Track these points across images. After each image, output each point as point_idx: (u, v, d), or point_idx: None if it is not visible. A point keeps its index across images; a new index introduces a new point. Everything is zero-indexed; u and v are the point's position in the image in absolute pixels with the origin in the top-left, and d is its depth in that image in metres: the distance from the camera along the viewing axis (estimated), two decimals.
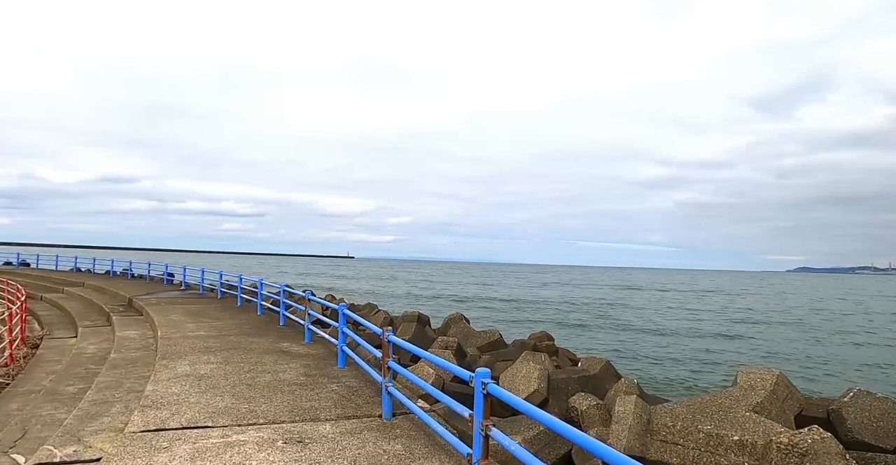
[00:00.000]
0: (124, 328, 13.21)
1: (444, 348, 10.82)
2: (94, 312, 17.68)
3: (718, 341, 27.88)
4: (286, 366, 8.31)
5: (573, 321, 34.90)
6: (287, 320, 12.55)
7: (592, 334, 28.69)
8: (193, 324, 12.44)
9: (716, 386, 15.68)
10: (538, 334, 15.17)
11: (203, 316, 13.88)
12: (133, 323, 14.04)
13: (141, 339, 11.81)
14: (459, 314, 14.40)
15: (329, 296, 21.60)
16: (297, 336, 11.11)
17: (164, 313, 14.27)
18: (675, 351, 23.67)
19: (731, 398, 6.27)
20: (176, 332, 11.35)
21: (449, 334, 13.54)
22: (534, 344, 13.35)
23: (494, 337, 13.12)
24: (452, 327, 13.78)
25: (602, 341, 26.32)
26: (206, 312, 14.82)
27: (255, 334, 11.35)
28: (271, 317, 13.88)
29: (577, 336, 27.35)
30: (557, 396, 7.93)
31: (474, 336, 13.21)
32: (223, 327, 12.20)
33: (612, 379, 9.11)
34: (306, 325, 10.40)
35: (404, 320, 13.78)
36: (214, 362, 8.50)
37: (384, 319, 14.88)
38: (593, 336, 27.94)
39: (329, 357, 9.10)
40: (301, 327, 11.58)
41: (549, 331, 16.74)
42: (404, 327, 13.38)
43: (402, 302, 44.36)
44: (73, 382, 9.10)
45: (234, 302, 17.01)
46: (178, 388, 6.91)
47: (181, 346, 9.79)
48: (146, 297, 18.55)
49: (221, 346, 9.84)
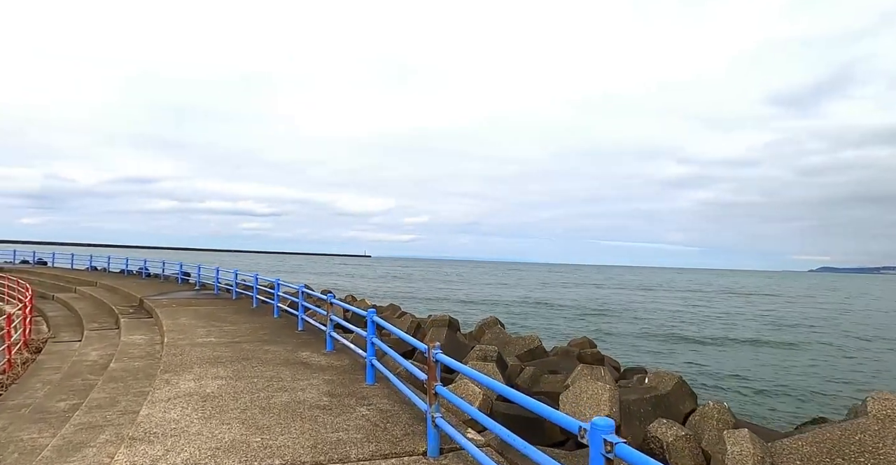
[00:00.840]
0: (131, 332, 12.17)
1: (484, 358, 9.54)
2: (104, 313, 16.74)
3: (776, 349, 25.22)
4: (306, 382, 7.10)
5: (606, 326, 32.49)
6: (306, 325, 11.39)
7: (632, 341, 26.28)
8: (204, 329, 11.33)
9: (807, 410, 13.52)
10: (579, 340, 13.82)
11: (215, 319, 12.78)
12: (141, 327, 13.00)
13: (147, 345, 10.73)
14: (494, 318, 13.12)
15: (349, 297, 20.49)
16: (318, 344, 9.92)
17: (174, 316, 13.21)
18: (728, 361, 21.28)
19: (870, 433, 4.91)
20: (184, 338, 10.23)
21: (483, 341, 12.27)
22: (578, 353, 12.01)
23: (534, 344, 11.82)
24: (487, 332, 12.50)
25: (644, 348, 24.15)
26: (218, 314, 13.73)
27: (271, 340, 10.18)
28: (289, 321, 12.73)
29: (615, 343, 25.16)
30: (629, 421, 6.62)
31: (512, 343, 11.93)
32: (236, 332, 11.06)
33: (687, 399, 7.78)
34: (328, 331, 9.20)
35: (434, 325, 12.54)
36: (224, 376, 7.32)
37: (411, 323, 13.66)
38: (633, 343, 25.55)
39: (355, 370, 7.88)
40: (322, 334, 10.40)
41: (575, 335, 15.40)
42: (434, 333, 12.14)
43: (425, 304, 42.41)
44: (66, 396, 8.02)
45: (250, 304, 15.93)
46: (178, 412, 5.72)
47: (188, 355, 8.65)
48: (158, 297, 17.57)
49: (233, 355, 8.68)
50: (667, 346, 25.10)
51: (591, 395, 6.40)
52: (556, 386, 8.86)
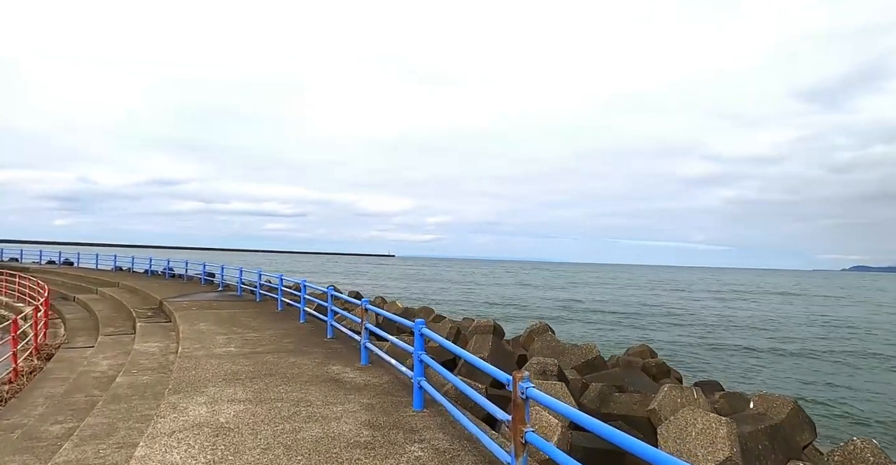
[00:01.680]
0: (146, 339, 11.13)
1: (543, 373, 8.18)
2: (122, 316, 15.83)
3: (861, 360, 21.93)
4: (341, 408, 5.84)
5: (651, 331, 29.48)
6: (336, 332, 10.16)
7: (685, 349, 23.50)
8: (223, 336, 10.18)
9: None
10: (638, 348, 12.37)
11: (236, 325, 11.66)
12: (157, 332, 11.96)
13: (160, 354, 9.63)
14: (543, 324, 11.74)
15: (378, 299, 19.29)
16: (351, 355, 8.68)
17: (193, 321, 12.14)
18: (807, 375, 18.22)
19: None
20: (201, 347, 9.08)
21: (533, 350, 10.92)
22: (642, 364, 10.57)
23: (592, 354, 10.42)
24: (536, 339, 11.15)
25: (700, 357, 21.65)
26: (240, 319, 12.62)
27: (298, 350, 8.98)
28: (316, 326, 11.55)
29: (666, 351, 22.19)
30: (749, 460, 5.21)
31: (566, 353, 10.55)
32: (258, 340, 9.89)
33: (805, 430, 6.34)
34: (362, 342, 7.94)
35: (477, 332, 11.22)
36: (242, 398, 6.10)
37: (451, 329, 12.35)
38: (689, 352, 22.83)
39: (397, 390, 6.59)
40: (354, 343, 9.16)
41: (621, 341, 13.88)
42: (478, 341, 10.82)
43: (455, 306, 40.58)
44: (63, 417, 6.91)
45: (274, 306, 14.82)
46: (181, 452, 4.50)
47: (203, 369, 7.48)
48: (178, 300, 16.60)
49: (254, 370, 7.48)
50: (723, 355, 22.48)
51: (701, 429, 5.02)
52: (632, 408, 7.48)
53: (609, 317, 36.82)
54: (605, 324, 32.63)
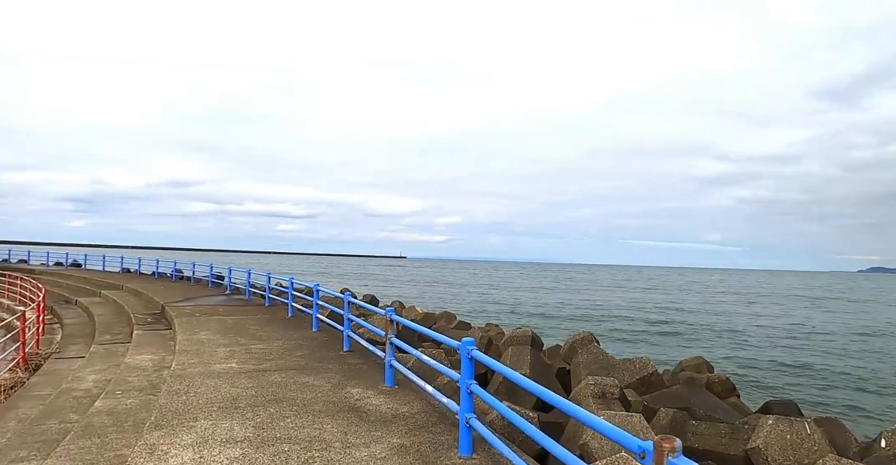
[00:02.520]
0: (140, 350, 9.90)
1: (601, 396, 6.81)
2: (121, 322, 14.68)
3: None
4: (366, 451, 4.51)
5: (689, 341, 26.64)
6: (352, 343, 8.85)
7: (737, 362, 20.66)
8: (226, 348, 8.91)
9: None
10: (693, 361, 10.95)
11: (241, 334, 10.40)
12: (154, 342, 10.73)
13: (153, 369, 8.38)
14: (588, 334, 10.35)
15: (396, 303, 18.00)
16: (372, 373, 7.37)
17: (194, 329, 10.90)
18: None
19: None
20: (198, 363, 7.82)
21: (578, 363, 9.55)
22: (706, 381, 9.16)
23: (648, 370, 9.03)
24: (581, 352, 9.76)
25: (754, 372, 19.07)
26: (246, 327, 11.37)
27: (310, 367, 7.68)
28: (331, 336, 10.25)
29: (717, 360, 19.64)
30: None
31: (616, 368, 9.16)
32: (265, 353, 8.61)
33: None
34: (388, 360, 6.62)
35: (513, 343, 9.87)
36: (240, 437, 4.81)
37: (480, 339, 11.02)
38: (742, 366, 20.06)
39: (433, 424, 5.26)
40: (376, 357, 7.83)
41: (656, 351, 12.39)
42: (515, 353, 9.47)
43: (473, 309, 38.49)
44: (25, 453, 5.66)
45: (285, 312, 13.56)
46: None
47: (196, 394, 6.20)
48: (182, 304, 15.41)
49: (257, 394, 6.19)
50: (775, 369, 19.97)
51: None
52: (721, 443, 6.08)
53: (637, 324, 33.73)
54: (635, 333, 29.80)
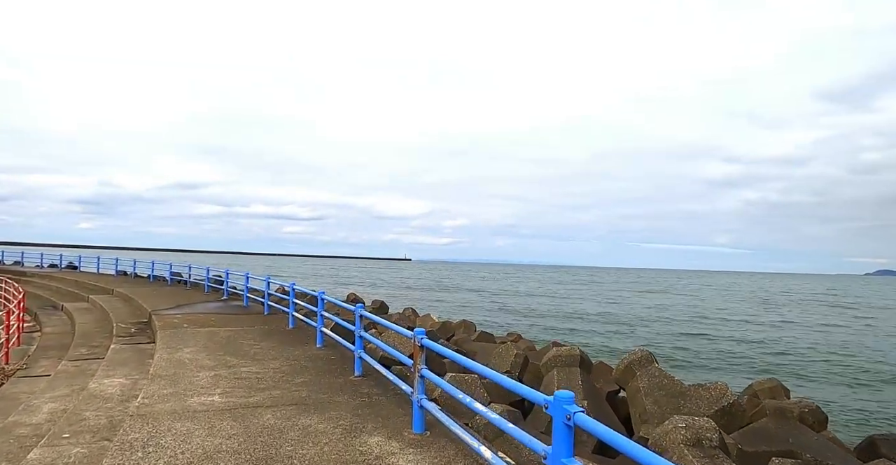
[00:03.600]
0: (111, 371, 8.28)
1: (696, 443, 5.14)
2: (103, 332, 13.10)
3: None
4: None
5: (735, 352, 22.60)
6: (366, 366, 7.18)
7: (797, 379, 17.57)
8: (210, 372, 7.26)
9: None
10: (767, 384, 9.23)
11: (233, 351, 8.75)
12: (130, 361, 9.10)
13: (119, 399, 6.75)
14: (646, 353, 8.63)
15: (409, 311, 16.33)
16: (392, 408, 5.72)
17: (177, 345, 9.28)
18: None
19: None
20: (172, 395, 6.18)
21: (636, 388, 7.86)
22: (797, 412, 7.46)
23: (727, 398, 7.32)
24: (640, 374, 8.05)
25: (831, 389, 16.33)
26: (239, 341, 9.72)
27: (314, 400, 6.02)
28: (338, 354, 8.60)
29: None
30: None
31: (687, 396, 7.48)
32: (258, 378, 6.96)
33: None
34: (417, 399, 4.94)
35: (557, 364, 8.19)
36: None
37: (515, 358, 9.31)
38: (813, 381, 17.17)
39: None
40: (395, 388, 6.16)
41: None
42: (562, 377, 7.80)
43: (488, 317, 34.25)
44: None
45: (285, 322, 11.93)
46: None
47: (158, 450, 4.54)
48: (171, 312, 13.80)
49: (242, 450, 4.53)
50: (840, 387, 17.03)
51: None
52: None
53: (663, 334, 29.64)
54: (667, 343, 25.86)
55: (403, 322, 14.46)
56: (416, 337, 4.91)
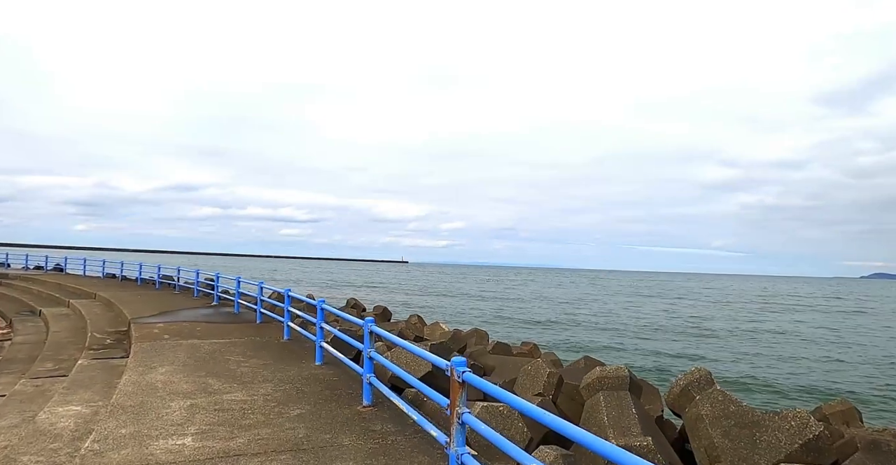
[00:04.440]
0: (71, 396, 6.95)
1: None
2: (76, 342, 11.75)
3: None
4: None
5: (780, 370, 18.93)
6: (375, 393, 5.84)
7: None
8: (185, 402, 5.92)
9: None
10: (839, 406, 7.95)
11: (216, 370, 7.41)
12: (96, 381, 7.76)
13: (70, 437, 5.42)
14: (705, 372, 7.31)
15: (414, 317, 14.94)
16: (416, 453, 4.41)
17: (153, 361, 7.94)
18: None
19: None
20: (131, 436, 4.85)
21: (699, 417, 6.58)
22: (891, 446, 6.20)
23: (811, 429, 6.04)
24: (699, 398, 6.76)
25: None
26: (226, 357, 8.39)
27: (314, 444, 4.70)
28: (340, 373, 7.29)
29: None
30: None
31: (763, 425, 6.20)
32: (244, 410, 5.63)
33: None
34: (458, 454, 3.62)
35: (603, 386, 6.90)
36: None
37: (548, 377, 7.98)
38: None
39: None
40: (413, 423, 4.84)
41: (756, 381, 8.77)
42: (611, 402, 6.51)
43: (497, 326, 29.96)
44: None
45: (279, 332, 10.60)
46: None
47: None
48: (153, 320, 12.46)
49: None
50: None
51: None
52: None
53: (678, 343, 26.28)
54: (682, 354, 22.52)
55: (410, 331, 13.15)
56: (455, 370, 3.60)
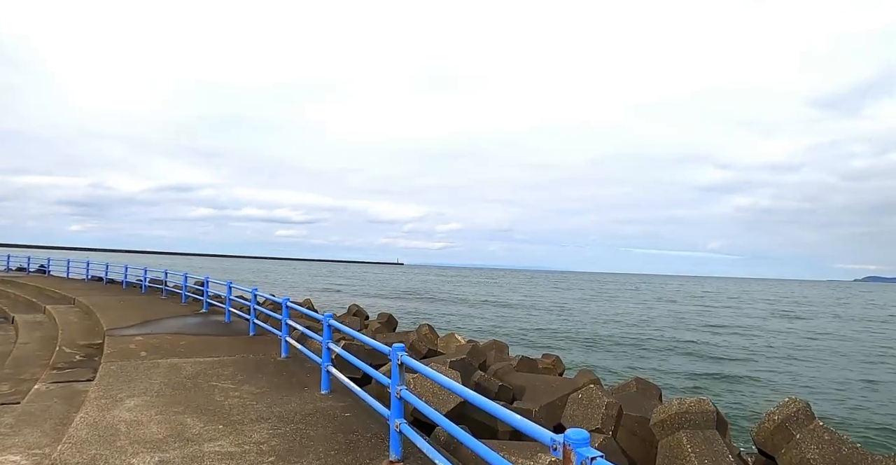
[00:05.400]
0: (12, 437, 5.48)
1: None
2: (42, 357, 10.23)
3: None
4: None
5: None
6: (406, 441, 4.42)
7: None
8: (153, 455, 4.45)
9: None
10: None
11: (198, 403, 5.95)
12: (50, 413, 6.29)
13: None
14: (803, 404, 5.95)
15: (425, 327, 13.48)
16: None
17: (122, 390, 6.48)
18: None
19: None
20: None
21: (799, 458, 5.19)
22: None
23: None
24: (798, 436, 5.35)
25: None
26: (212, 382, 6.92)
27: None
28: (353, 408, 5.85)
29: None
30: None
31: None
32: None
33: None
34: None
35: (685, 424, 5.45)
36: None
37: (606, 409, 6.51)
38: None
39: None
40: None
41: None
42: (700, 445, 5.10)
43: (512, 333, 27.33)
44: None
45: (275, 348, 9.14)
46: None
47: None
48: (132, 332, 10.97)
49: None
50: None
51: None
52: None
53: (699, 358, 23.24)
54: (707, 372, 19.63)
55: (422, 344, 11.72)
56: (570, 447, 2.19)
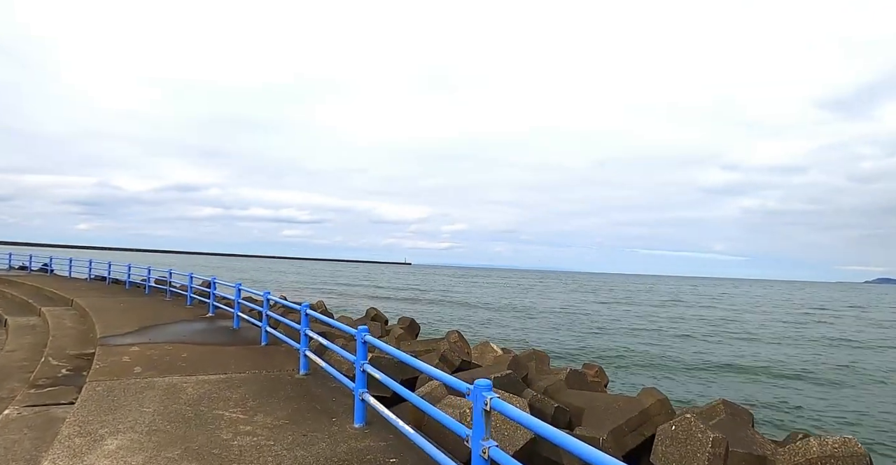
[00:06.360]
0: None
1: None
2: (23, 371, 8.98)
3: None
4: None
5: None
6: None
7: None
8: None
9: None
10: None
11: (200, 444, 4.64)
12: (13, 454, 5.00)
13: None
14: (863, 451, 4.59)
15: (454, 334, 12.19)
16: None
17: (104, 421, 5.18)
18: None
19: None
20: None
21: None
22: None
23: None
24: None
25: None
26: (217, 410, 5.62)
27: None
28: (398, 450, 4.55)
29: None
30: None
31: None
32: None
33: None
34: None
35: None
36: None
37: (713, 447, 5.25)
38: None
39: None
40: None
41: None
42: None
43: (538, 339, 23.93)
44: None
45: (292, 362, 7.83)
46: None
47: None
48: (128, 340, 9.71)
49: None
50: None
51: None
52: None
53: (732, 370, 19.18)
54: (737, 383, 16.07)
55: (455, 354, 10.40)
56: None
